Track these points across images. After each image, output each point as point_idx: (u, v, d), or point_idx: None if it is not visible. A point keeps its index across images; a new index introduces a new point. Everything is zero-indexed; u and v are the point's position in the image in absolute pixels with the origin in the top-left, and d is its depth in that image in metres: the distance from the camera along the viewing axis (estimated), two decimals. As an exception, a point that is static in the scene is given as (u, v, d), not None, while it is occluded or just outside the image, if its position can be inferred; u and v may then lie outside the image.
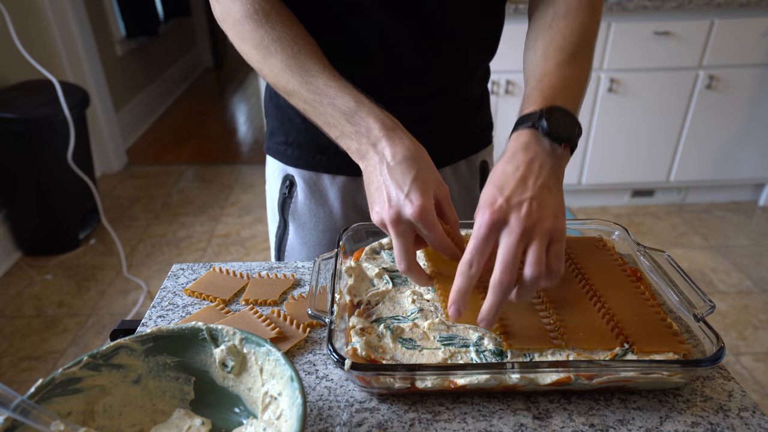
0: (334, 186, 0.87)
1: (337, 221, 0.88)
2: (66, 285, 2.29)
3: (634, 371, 0.53)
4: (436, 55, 0.79)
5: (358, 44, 0.76)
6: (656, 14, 2.35)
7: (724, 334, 2.00)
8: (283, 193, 0.89)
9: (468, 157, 0.93)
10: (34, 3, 2.62)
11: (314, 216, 0.88)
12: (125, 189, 3.09)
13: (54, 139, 2.24)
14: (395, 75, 0.79)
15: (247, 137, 3.87)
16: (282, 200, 0.90)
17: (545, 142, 0.58)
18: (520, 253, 0.53)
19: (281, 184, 0.89)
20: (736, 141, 2.64)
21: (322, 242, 0.89)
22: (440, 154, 0.89)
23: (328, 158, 0.85)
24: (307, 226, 0.89)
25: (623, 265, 0.69)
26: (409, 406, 0.56)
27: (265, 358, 0.52)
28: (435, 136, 0.87)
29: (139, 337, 0.53)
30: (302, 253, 0.91)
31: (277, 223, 0.92)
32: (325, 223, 0.88)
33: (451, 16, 0.76)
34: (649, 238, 2.58)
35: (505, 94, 2.46)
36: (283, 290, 0.73)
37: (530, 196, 0.54)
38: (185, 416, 0.54)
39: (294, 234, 0.91)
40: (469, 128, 0.91)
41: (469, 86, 0.87)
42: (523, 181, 0.55)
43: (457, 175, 0.92)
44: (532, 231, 0.53)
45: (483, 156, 0.96)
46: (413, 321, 0.61)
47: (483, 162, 0.96)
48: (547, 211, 0.54)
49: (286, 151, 0.87)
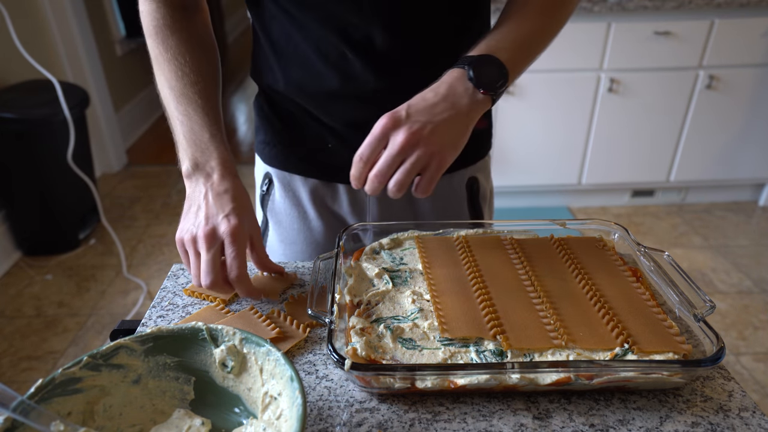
0: (305, 187, 0.88)
1: (310, 221, 0.89)
2: (66, 285, 2.29)
3: (634, 371, 0.53)
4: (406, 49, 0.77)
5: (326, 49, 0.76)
6: (656, 14, 2.35)
7: (724, 334, 2.00)
8: (263, 190, 0.91)
9: (450, 173, 0.87)
10: (34, 3, 2.62)
11: (289, 215, 0.89)
12: (125, 189, 3.09)
13: (54, 139, 2.24)
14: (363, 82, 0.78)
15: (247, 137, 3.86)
16: (262, 197, 0.92)
17: (468, 85, 0.64)
18: (396, 164, 0.61)
19: (262, 181, 0.91)
20: (736, 141, 2.64)
21: (297, 241, 0.90)
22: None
23: (299, 160, 0.86)
24: (284, 224, 0.90)
25: (623, 265, 0.69)
26: (409, 406, 0.56)
27: (265, 358, 0.52)
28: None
29: (139, 337, 0.53)
30: (280, 250, 0.92)
31: (261, 220, 0.93)
32: (299, 223, 0.89)
33: (420, 19, 0.75)
34: (649, 238, 2.58)
35: (505, 94, 2.46)
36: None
37: (428, 120, 0.61)
38: (185, 416, 0.54)
39: (273, 231, 0.92)
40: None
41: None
42: (431, 107, 0.62)
43: (433, 193, 0.87)
44: (413, 147, 0.61)
45: (472, 172, 0.90)
46: (413, 321, 0.61)
47: (472, 179, 0.90)
48: (437, 138, 0.61)
49: (265, 150, 0.89)
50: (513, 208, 2.82)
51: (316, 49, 0.75)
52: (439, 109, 0.62)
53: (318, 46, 0.75)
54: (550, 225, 0.78)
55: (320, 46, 0.75)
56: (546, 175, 2.64)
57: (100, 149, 3.12)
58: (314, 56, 0.76)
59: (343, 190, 0.86)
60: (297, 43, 0.76)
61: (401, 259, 0.73)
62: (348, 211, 0.87)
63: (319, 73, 0.77)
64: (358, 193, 0.85)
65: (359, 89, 0.77)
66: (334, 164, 0.83)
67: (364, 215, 0.87)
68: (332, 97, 0.78)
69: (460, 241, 0.74)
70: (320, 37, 0.75)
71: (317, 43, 0.75)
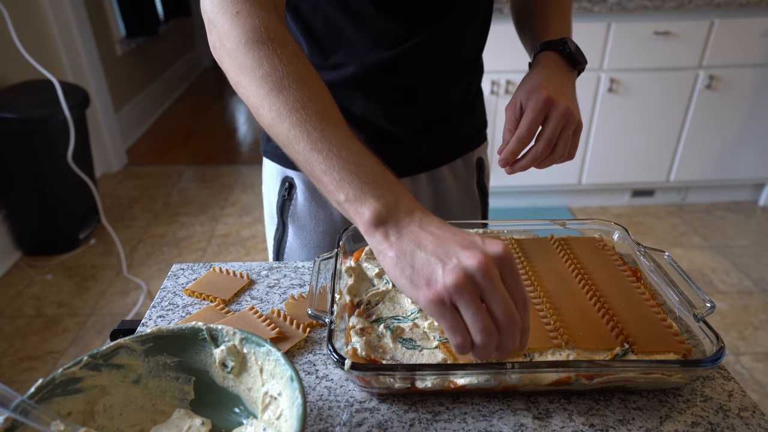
0: None
1: (337, 222, 0.88)
2: (66, 285, 2.29)
3: (634, 371, 0.53)
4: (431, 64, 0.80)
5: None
6: (656, 14, 2.35)
7: (724, 334, 2.00)
8: (282, 195, 0.89)
9: (464, 155, 0.95)
10: (34, 3, 2.62)
11: (314, 218, 0.88)
12: (125, 189, 3.09)
13: (54, 139, 2.24)
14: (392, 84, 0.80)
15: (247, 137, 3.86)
16: (281, 203, 0.90)
17: (565, 63, 0.76)
18: (557, 133, 0.70)
19: (280, 186, 0.89)
20: (736, 141, 2.64)
21: (322, 244, 0.89)
22: (438, 156, 0.90)
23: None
24: (307, 228, 0.89)
25: (623, 265, 0.69)
26: (409, 406, 0.56)
27: (265, 358, 0.52)
28: (436, 140, 0.88)
29: (139, 337, 0.53)
30: (302, 255, 0.91)
31: (275, 226, 0.92)
32: (326, 225, 0.88)
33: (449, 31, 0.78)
34: (649, 238, 2.58)
35: (505, 94, 2.46)
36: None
37: (566, 93, 0.72)
38: (185, 416, 0.54)
39: (293, 236, 0.90)
40: (464, 129, 0.92)
41: (463, 88, 0.88)
42: (560, 84, 0.73)
43: (454, 172, 0.94)
44: (569, 117, 0.70)
45: (479, 153, 0.98)
46: (413, 321, 0.61)
47: (479, 159, 0.98)
48: (575, 108, 0.72)
49: (282, 153, 0.87)
50: (513, 208, 2.82)
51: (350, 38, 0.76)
52: (565, 87, 0.73)
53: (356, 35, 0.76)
54: (550, 225, 0.78)
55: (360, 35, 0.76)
56: (546, 175, 2.64)
57: (100, 149, 3.12)
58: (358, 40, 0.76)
59: None
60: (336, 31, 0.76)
61: (401, 259, 0.73)
62: None
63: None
64: None
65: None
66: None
67: None
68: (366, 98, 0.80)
69: (460, 241, 0.74)
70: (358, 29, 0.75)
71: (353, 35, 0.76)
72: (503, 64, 2.31)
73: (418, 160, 0.89)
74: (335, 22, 0.74)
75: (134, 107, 3.66)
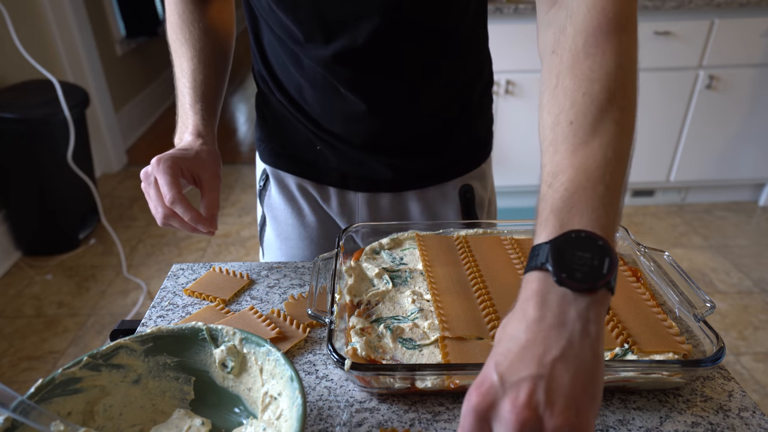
0: (297, 185, 0.88)
1: (304, 217, 0.89)
2: (66, 285, 2.29)
3: (634, 371, 0.53)
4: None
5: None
6: (656, 14, 2.35)
7: (724, 334, 2.00)
8: (260, 185, 0.92)
9: (442, 182, 0.84)
10: (34, 3, 2.62)
11: (284, 211, 0.90)
12: (125, 189, 3.09)
13: (54, 139, 2.24)
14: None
15: (247, 137, 3.86)
16: (260, 192, 0.93)
17: (560, 290, 0.40)
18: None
19: (260, 177, 0.92)
20: (736, 141, 2.64)
21: (292, 236, 0.90)
22: (405, 179, 0.83)
23: (288, 159, 0.87)
24: (279, 219, 0.91)
25: (623, 265, 0.69)
26: (409, 406, 0.56)
27: (265, 358, 0.52)
28: (404, 160, 0.82)
29: (139, 337, 0.53)
30: (276, 244, 0.92)
31: (260, 215, 0.95)
32: (294, 219, 0.89)
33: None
34: (649, 238, 2.58)
35: (505, 93, 2.46)
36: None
37: (533, 374, 0.38)
38: (185, 416, 0.54)
39: (269, 226, 0.93)
40: (452, 151, 0.82)
41: (444, 99, 0.80)
42: (527, 349, 0.39)
43: (423, 200, 0.85)
44: (531, 426, 0.36)
45: (466, 180, 0.85)
46: (413, 321, 0.61)
47: (465, 186, 0.85)
48: (558, 398, 0.37)
49: (261, 147, 0.90)
50: (513, 208, 2.82)
51: (303, 74, 0.77)
52: (542, 350, 0.38)
53: (309, 74, 0.76)
54: (550, 225, 0.77)
55: (310, 74, 0.76)
56: (546, 175, 2.64)
57: (100, 149, 3.12)
58: (302, 81, 0.78)
59: (333, 193, 0.86)
60: (286, 63, 0.78)
61: (401, 259, 0.73)
62: (337, 213, 0.87)
63: (306, 93, 0.78)
64: (347, 196, 0.86)
65: (349, 113, 0.77)
66: (323, 166, 0.84)
67: (353, 218, 0.88)
68: (321, 112, 0.80)
69: (460, 241, 0.74)
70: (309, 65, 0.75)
71: (308, 71, 0.76)
72: (504, 64, 2.31)
73: (382, 180, 0.82)
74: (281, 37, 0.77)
75: (134, 107, 3.66)
